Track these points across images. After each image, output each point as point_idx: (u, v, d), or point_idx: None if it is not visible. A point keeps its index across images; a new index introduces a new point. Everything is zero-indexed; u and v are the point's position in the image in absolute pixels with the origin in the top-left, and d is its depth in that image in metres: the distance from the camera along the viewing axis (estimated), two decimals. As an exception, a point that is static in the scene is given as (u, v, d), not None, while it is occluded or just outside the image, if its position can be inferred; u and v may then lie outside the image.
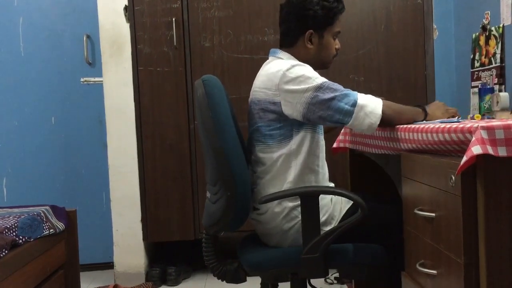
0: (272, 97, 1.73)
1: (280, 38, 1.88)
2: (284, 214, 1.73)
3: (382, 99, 1.71)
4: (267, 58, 1.90)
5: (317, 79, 1.69)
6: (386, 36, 2.98)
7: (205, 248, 1.78)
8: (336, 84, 1.71)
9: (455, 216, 1.24)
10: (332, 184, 1.89)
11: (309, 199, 1.64)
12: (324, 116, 1.68)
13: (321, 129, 1.83)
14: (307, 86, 1.68)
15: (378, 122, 1.65)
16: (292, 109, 1.70)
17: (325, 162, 1.86)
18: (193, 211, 2.98)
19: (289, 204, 1.72)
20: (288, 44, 1.85)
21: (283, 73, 1.70)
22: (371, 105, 1.66)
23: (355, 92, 1.69)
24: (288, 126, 1.73)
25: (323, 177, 1.83)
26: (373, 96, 1.71)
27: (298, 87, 1.68)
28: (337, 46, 1.88)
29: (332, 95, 1.66)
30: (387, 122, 1.68)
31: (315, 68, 1.90)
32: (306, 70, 1.71)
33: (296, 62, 1.76)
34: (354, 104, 1.65)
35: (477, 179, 1.19)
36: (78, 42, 3.36)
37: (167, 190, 2.98)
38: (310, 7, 1.78)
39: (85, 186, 3.41)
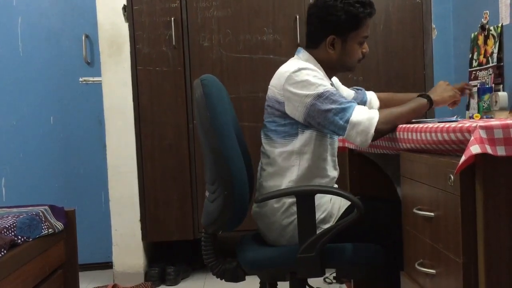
0: (277, 96, 1.75)
1: (306, 39, 1.88)
2: (283, 209, 1.73)
3: (379, 111, 1.66)
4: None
5: (320, 86, 1.68)
6: (385, 36, 2.99)
7: (204, 247, 1.78)
8: (337, 95, 1.69)
9: (454, 215, 1.24)
10: (335, 185, 1.89)
11: (305, 198, 1.64)
12: (323, 124, 1.69)
13: None
14: (308, 92, 1.67)
15: (370, 140, 1.63)
16: (294, 111, 1.72)
17: (337, 166, 1.86)
18: (192, 211, 2.98)
19: (288, 199, 1.73)
20: (312, 45, 1.84)
21: (289, 75, 1.71)
22: (365, 123, 1.62)
23: (353, 106, 1.66)
24: (293, 124, 1.74)
25: (331, 181, 1.83)
26: (370, 111, 1.66)
27: (300, 92, 1.68)
28: (364, 50, 1.85)
29: (329, 107, 1.65)
30: (383, 135, 1.66)
31: (338, 71, 1.90)
32: (311, 75, 1.70)
33: (306, 65, 1.74)
34: (347, 121, 1.63)
35: (476, 179, 1.19)
36: (77, 41, 3.36)
37: (166, 189, 2.98)
38: (334, 12, 1.75)
39: (84, 185, 3.41)
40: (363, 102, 2.11)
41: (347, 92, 2.09)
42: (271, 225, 1.77)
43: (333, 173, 1.84)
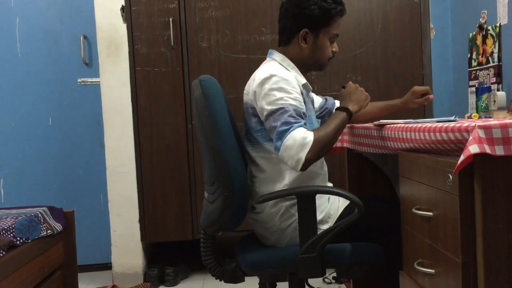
0: (251, 102, 1.75)
1: (278, 35, 1.89)
2: (280, 213, 1.73)
3: (315, 134, 1.61)
4: (264, 58, 1.90)
5: (280, 101, 1.64)
6: (383, 36, 2.99)
7: (203, 248, 1.78)
8: (290, 112, 1.62)
9: (453, 215, 1.24)
10: (330, 184, 1.89)
11: (305, 199, 1.64)
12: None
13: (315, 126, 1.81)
14: (268, 107, 1.65)
15: (299, 167, 1.58)
16: (262, 118, 1.72)
17: (324, 162, 1.86)
18: (191, 211, 2.98)
19: (285, 203, 1.72)
20: (284, 42, 1.85)
21: (260, 82, 1.70)
22: (297, 149, 1.57)
23: (293, 127, 1.60)
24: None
25: (323, 178, 1.83)
26: (306, 137, 1.59)
27: (266, 101, 1.67)
28: (334, 49, 1.85)
29: (275, 124, 1.62)
30: (313, 162, 1.62)
31: (310, 69, 1.90)
32: (279, 85, 1.67)
33: (278, 71, 1.72)
34: (282, 144, 1.59)
35: (474, 178, 1.19)
36: (75, 42, 3.35)
37: (164, 190, 2.97)
38: (307, 6, 1.77)
39: (82, 186, 3.40)
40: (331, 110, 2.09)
41: (316, 98, 2.08)
42: (269, 229, 1.76)
43: (324, 169, 1.84)
